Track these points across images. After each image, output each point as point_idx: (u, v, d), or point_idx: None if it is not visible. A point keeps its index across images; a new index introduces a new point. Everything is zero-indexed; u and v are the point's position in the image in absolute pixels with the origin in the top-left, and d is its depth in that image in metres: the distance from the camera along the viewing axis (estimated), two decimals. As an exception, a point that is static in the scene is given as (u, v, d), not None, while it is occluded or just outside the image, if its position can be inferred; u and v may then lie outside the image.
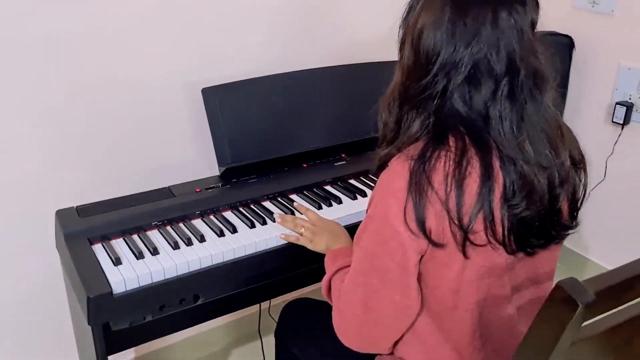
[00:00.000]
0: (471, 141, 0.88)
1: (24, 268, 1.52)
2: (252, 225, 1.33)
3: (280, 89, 1.53)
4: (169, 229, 1.32)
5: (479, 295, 0.94)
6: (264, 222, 1.34)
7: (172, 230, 1.31)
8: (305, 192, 1.48)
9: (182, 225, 1.33)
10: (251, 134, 1.49)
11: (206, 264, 1.23)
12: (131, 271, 1.17)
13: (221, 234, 1.29)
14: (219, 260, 1.24)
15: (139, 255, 1.21)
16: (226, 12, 1.60)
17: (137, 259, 1.20)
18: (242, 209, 1.40)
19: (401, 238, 0.89)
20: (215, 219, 1.36)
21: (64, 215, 1.32)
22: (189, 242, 1.26)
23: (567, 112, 2.19)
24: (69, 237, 1.25)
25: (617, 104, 2.08)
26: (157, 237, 1.29)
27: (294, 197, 1.46)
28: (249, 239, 1.28)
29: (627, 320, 0.81)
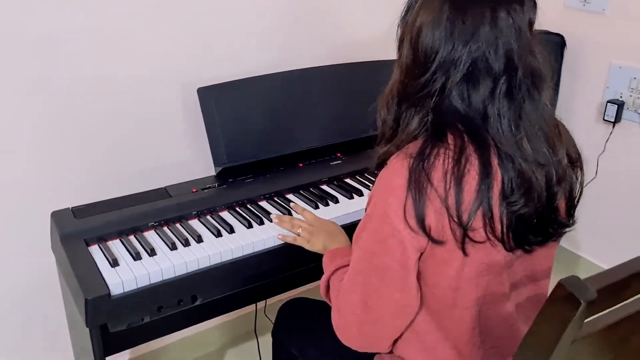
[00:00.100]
0: (470, 139, 0.89)
1: (19, 269, 1.51)
2: (250, 226, 1.33)
3: (276, 88, 1.53)
4: (165, 229, 1.31)
5: (478, 292, 0.94)
6: (261, 222, 1.34)
7: (169, 230, 1.31)
8: (301, 192, 1.48)
9: (179, 226, 1.32)
10: (247, 134, 1.49)
11: (204, 264, 1.22)
12: (129, 272, 1.16)
13: (219, 234, 1.29)
14: (216, 260, 1.23)
15: (136, 257, 1.20)
16: (223, 11, 1.59)
17: (135, 260, 1.20)
18: (239, 209, 1.40)
19: (401, 236, 0.89)
20: (212, 219, 1.35)
21: (59, 217, 1.31)
22: (186, 243, 1.25)
23: (558, 111, 2.20)
24: (65, 238, 1.24)
25: (609, 102, 2.10)
26: (154, 238, 1.28)
27: (291, 197, 1.46)
28: (246, 239, 1.28)
29: (625, 317, 0.82)
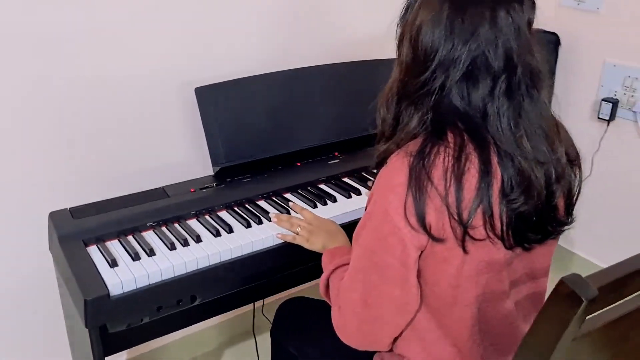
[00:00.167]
0: (469, 137, 0.89)
1: (16, 270, 1.50)
2: (248, 225, 1.32)
3: (274, 87, 1.53)
4: (164, 229, 1.31)
5: (477, 290, 0.95)
6: (259, 222, 1.34)
7: (168, 230, 1.30)
8: (299, 191, 1.48)
9: (177, 226, 1.32)
10: (245, 133, 1.49)
11: (203, 264, 1.22)
12: (128, 273, 1.16)
13: (217, 234, 1.29)
14: (216, 260, 1.23)
15: (135, 257, 1.20)
16: (221, 11, 1.59)
17: (134, 261, 1.19)
18: (237, 209, 1.39)
19: (401, 234, 0.89)
20: (210, 219, 1.35)
21: (57, 217, 1.30)
22: (185, 243, 1.25)
23: (553, 109, 2.21)
24: (63, 239, 1.24)
25: (603, 100, 2.11)
26: (153, 238, 1.28)
27: (289, 196, 1.46)
28: (245, 238, 1.28)
29: (625, 314, 0.83)
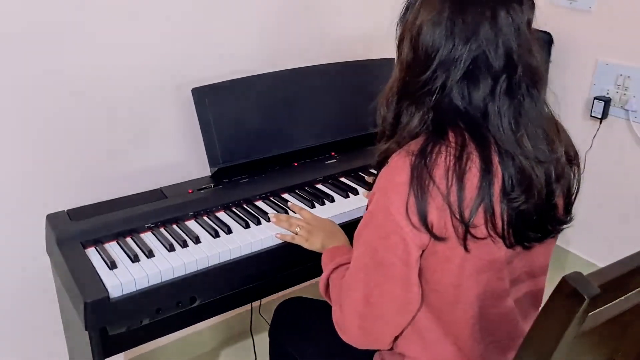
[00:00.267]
0: (470, 136, 0.90)
1: (13, 272, 1.49)
2: (247, 226, 1.32)
3: (270, 88, 1.53)
4: (162, 231, 1.30)
5: (478, 289, 0.95)
6: (258, 222, 1.34)
7: (166, 232, 1.30)
8: (297, 191, 1.48)
9: (175, 227, 1.32)
10: (242, 134, 1.49)
11: (203, 265, 1.22)
12: (127, 275, 1.15)
13: (216, 235, 1.29)
14: (215, 261, 1.23)
15: (134, 259, 1.19)
16: (218, 11, 1.59)
17: (133, 262, 1.19)
18: (235, 209, 1.39)
19: (403, 232, 0.89)
20: (209, 219, 1.35)
21: (55, 219, 1.29)
22: (184, 244, 1.25)
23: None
24: (61, 241, 1.23)
25: (595, 98, 2.12)
26: (152, 239, 1.27)
27: (287, 197, 1.46)
28: (244, 239, 1.28)
29: (623, 311, 0.83)
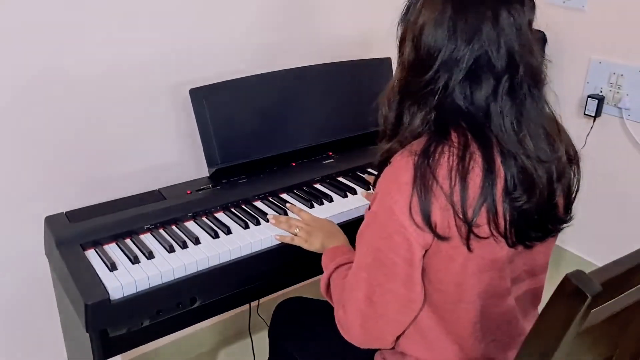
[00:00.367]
0: (472, 136, 0.90)
1: (11, 273, 1.48)
2: (246, 226, 1.33)
3: (268, 88, 1.53)
4: (162, 232, 1.30)
5: (480, 287, 0.96)
6: (257, 223, 1.34)
7: (166, 233, 1.30)
8: (295, 191, 1.49)
9: (175, 228, 1.32)
10: (240, 134, 1.49)
11: (203, 266, 1.22)
12: (128, 276, 1.15)
13: (216, 235, 1.28)
14: (215, 262, 1.23)
15: (134, 260, 1.19)
16: (214, 11, 1.58)
17: (133, 264, 1.19)
18: (234, 210, 1.39)
19: (407, 232, 0.90)
20: (208, 220, 1.35)
21: (53, 221, 1.29)
22: (184, 245, 1.25)
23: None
24: (60, 243, 1.23)
25: (589, 97, 2.14)
26: (151, 240, 1.27)
27: (285, 197, 1.46)
28: (243, 240, 1.28)
29: (623, 308, 0.84)
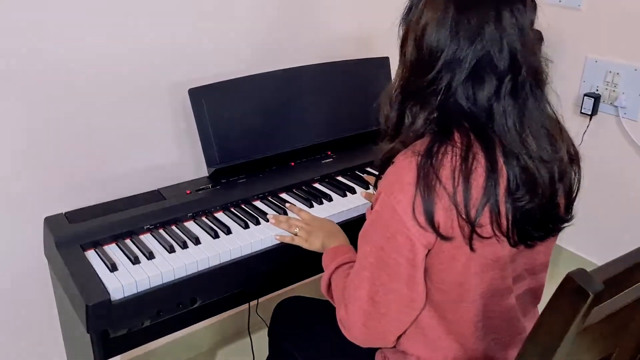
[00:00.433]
0: (475, 136, 0.90)
1: (10, 274, 1.48)
2: (246, 226, 1.33)
3: (267, 88, 1.53)
4: (162, 232, 1.30)
5: (482, 287, 0.96)
6: (257, 223, 1.34)
7: (166, 233, 1.30)
8: (294, 191, 1.49)
9: (175, 228, 1.32)
10: (239, 134, 1.49)
11: (203, 266, 1.22)
12: (128, 277, 1.15)
13: (216, 235, 1.28)
14: (215, 262, 1.23)
15: (135, 261, 1.19)
16: (213, 11, 1.58)
17: (133, 264, 1.19)
18: (234, 210, 1.39)
19: (409, 233, 0.90)
20: (208, 220, 1.35)
21: (53, 222, 1.28)
22: (184, 245, 1.24)
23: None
24: (60, 244, 1.22)
25: (585, 95, 2.15)
26: (151, 241, 1.27)
27: (284, 196, 1.47)
28: (244, 239, 1.28)
29: (624, 306, 0.85)
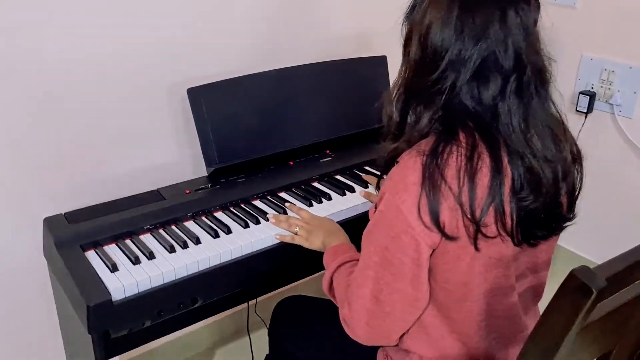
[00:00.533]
0: (480, 136, 0.90)
1: (9, 275, 1.47)
2: (246, 225, 1.33)
3: (265, 87, 1.52)
4: (162, 232, 1.30)
5: (486, 286, 0.96)
6: (257, 222, 1.34)
7: (166, 233, 1.29)
8: (294, 190, 1.49)
9: (175, 228, 1.31)
10: (238, 133, 1.48)
11: (204, 266, 1.22)
12: (129, 277, 1.15)
13: (216, 235, 1.28)
14: (216, 262, 1.23)
15: (135, 261, 1.19)
16: (212, 10, 1.58)
17: (134, 265, 1.18)
18: (233, 209, 1.39)
19: (414, 233, 0.90)
20: (207, 220, 1.35)
21: (52, 222, 1.28)
22: (184, 245, 1.24)
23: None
24: (60, 244, 1.22)
25: (581, 93, 2.16)
26: (151, 241, 1.27)
27: (284, 195, 1.47)
28: (244, 239, 1.28)
29: (624, 304, 0.86)
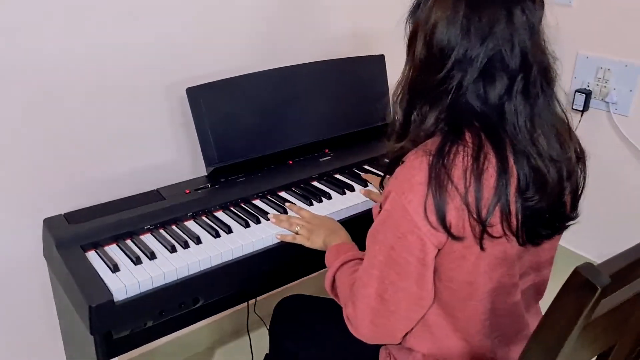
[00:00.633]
0: (486, 136, 0.90)
1: (9, 275, 1.46)
2: (247, 225, 1.32)
3: (264, 86, 1.52)
4: (162, 232, 1.30)
5: (491, 285, 0.96)
6: (257, 221, 1.34)
7: (166, 233, 1.29)
8: (293, 189, 1.49)
9: (175, 228, 1.31)
10: (237, 133, 1.48)
11: (205, 266, 1.22)
12: (131, 277, 1.14)
13: (217, 235, 1.28)
14: (217, 261, 1.23)
15: (136, 261, 1.18)
16: (211, 10, 1.57)
17: (135, 265, 1.18)
18: (233, 209, 1.39)
19: (420, 233, 0.90)
20: (208, 220, 1.35)
21: (52, 223, 1.27)
22: (185, 245, 1.24)
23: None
24: (60, 245, 1.21)
25: (577, 91, 2.17)
26: (152, 241, 1.27)
27: (283, 195, 1.47)
28: (245, 238, 1.28)
29: (624, 300, 0.86)
